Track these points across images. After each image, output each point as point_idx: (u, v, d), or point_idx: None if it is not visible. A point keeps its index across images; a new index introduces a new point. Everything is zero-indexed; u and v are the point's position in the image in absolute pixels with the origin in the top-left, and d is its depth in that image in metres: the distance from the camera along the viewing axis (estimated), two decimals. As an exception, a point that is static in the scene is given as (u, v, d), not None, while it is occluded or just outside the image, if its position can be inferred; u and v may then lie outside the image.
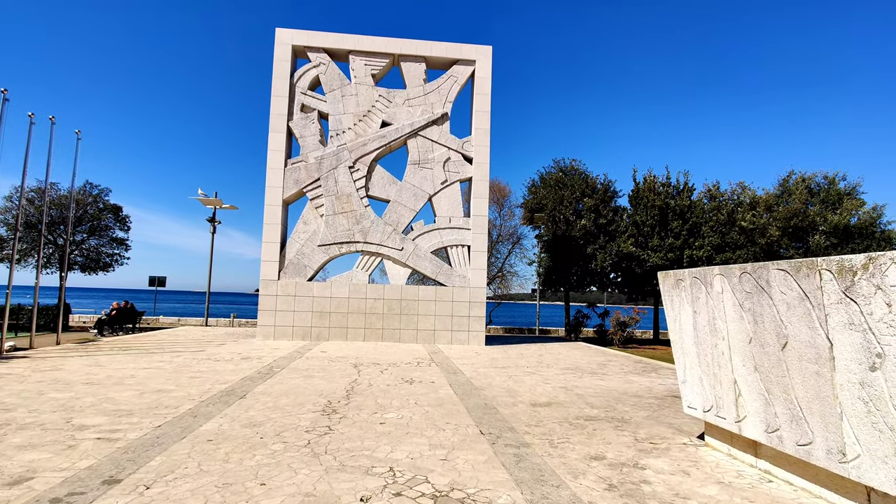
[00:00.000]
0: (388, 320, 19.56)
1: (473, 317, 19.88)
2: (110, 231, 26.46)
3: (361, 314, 19.49)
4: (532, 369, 13.28)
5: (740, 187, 27.82)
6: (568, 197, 26.06)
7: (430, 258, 19.97)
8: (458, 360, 14.57)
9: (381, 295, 19.66)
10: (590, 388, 10.69)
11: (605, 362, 15.54)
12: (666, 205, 25.82)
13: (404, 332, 19.59)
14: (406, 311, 19.66)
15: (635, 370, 13.88)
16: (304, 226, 19.82)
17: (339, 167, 19.87)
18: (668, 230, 25.58)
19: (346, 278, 19.78)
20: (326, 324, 19.32)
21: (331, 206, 19.73)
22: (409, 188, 20.20)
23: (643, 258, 25.14)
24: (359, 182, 19.99)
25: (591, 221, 25.48)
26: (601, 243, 25.31)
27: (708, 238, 24.88)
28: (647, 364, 15.46)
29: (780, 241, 25.45)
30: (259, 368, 11.75)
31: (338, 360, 13.72)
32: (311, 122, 20.02)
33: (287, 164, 19.74)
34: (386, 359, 14.34)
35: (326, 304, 19.37)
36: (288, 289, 19.29)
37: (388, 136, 20.16)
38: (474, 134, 20.49)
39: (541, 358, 16.12)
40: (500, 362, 14.59)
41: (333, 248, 19.69)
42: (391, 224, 19.96)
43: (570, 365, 14.51)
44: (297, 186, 19.69)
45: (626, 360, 16.35)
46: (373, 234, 19.78)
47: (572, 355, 17.27)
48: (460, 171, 20.49)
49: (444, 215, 20.30)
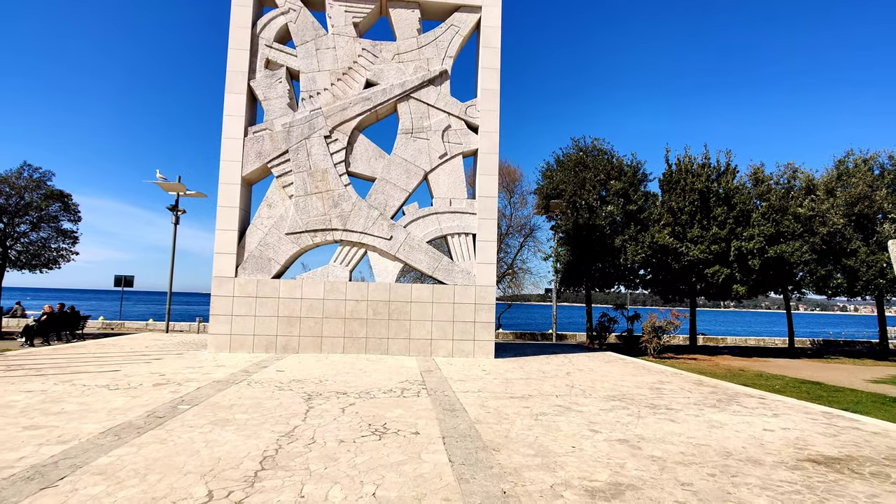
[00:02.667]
0: (374, 327, 15.67)
1: (480, 322, 15.96)
2: (58, 222, 22.71)
3: (340, 319, 15.60)
4: (564, 401, 9.34)
5: (790, 169, 23.76)
6: (591, 180, 22.08)
7: (425, 250, 16.07)
8: (460, 385, 10.65)
9: (365, 295, 15.77)
10: (666, 442, 6.74)
11: (657, 384, 11.59)
12: (707, 189, 21.80)
13: (393, 342, 15.68)
14: (396, 316, 15.76)
15: (706, 399, 9.91)
16: (268, 210, 15.95)
17: (313, 137, 16.00)
18: (710, 218, 21.54)
19: (320, 275, 15.90)
20: (296, 332, 15.44)
21: (302, 185, 15.86)
22: (400, 163, 16.31)
23: (681, 251, 21.12)
24: (337, 155, 16.11)
25: (618, 208, 21.50)
26: (631, 234, 21.32)
27: (760, 227, 20.82)
28: (715, 388, 11.48)
29: (845, 230, 21.36)
30: (158, 406, 7.87)
31: (290, 386, 9.82)
32: (279, 82, 16.15)
33: (248, 133, 15.88)
34: (360, 383, 10.44)
35: (296, 307, 15.50)
36: (248, 288, 15.43)
37: (374, 99, 16.27)
38: (480, 96, 16.57)
39: (570, 378, 12.17)
40: (517, 387, 10.66)
41: (305, 238, 15.81)
42: (377, 207, 16.06)
43: (612, 391, 10.56)
44: (260, 161, 15.82)
45: (682, 381, 12.39)
46: (354, 220, 15.90)
47: (609, 373, 13.31)
48: (463, 143, 16.57)
49: (443, 196, 16.39)
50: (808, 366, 19.71)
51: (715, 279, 20.79)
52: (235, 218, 15.52)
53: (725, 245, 20.93)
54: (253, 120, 16.43)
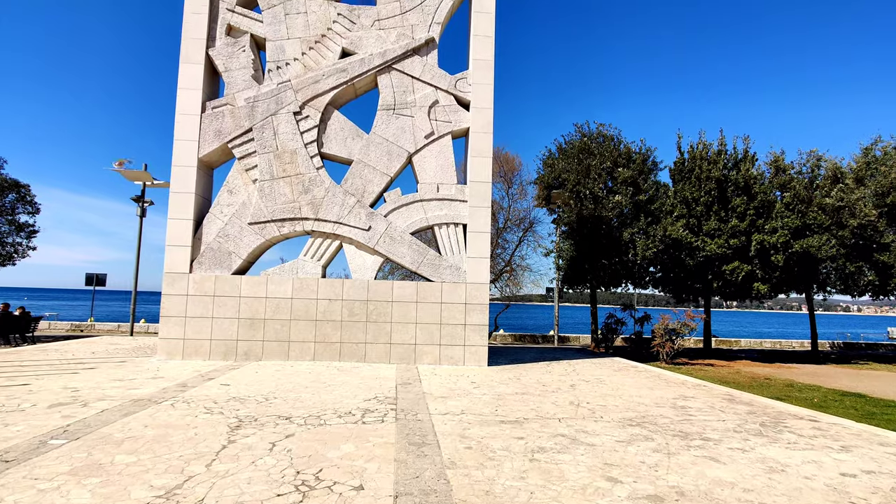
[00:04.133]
0: (349, 330, 13.67)
1: (471, 325, 13.96)
2: (13, 214, 20.77)
3: (310, 322, 13.61)
4: (569, 427, 7.34)
5: (814, 157, 21.72)
6: (596, 167, 20.07)
7: (409, 242, 14.08)
8: (440, 404, 8.66)
9: (340, 294, 13.78)
10: (717, 500, 4.73)
11: (680, 400, 9.58)
12: (724, 177, 19.78)
13: (372, 348, 13.69)
14: (375, 318, 13.77)
15: (746, 423, 7.90)
16: (228, 196, 13.97)
17: (280, 113, 14.02)
18: (728, 209, 19.53)
19: (289, 271, 13.92)
20: (259, 336, 13.45)
21: (267, 168, 13.88)
22: (381, 143, 14.32)
23: (697, 246, 19.10)
24: (308, 134, 14.12)
25: (626, 198, 19.48)
26: (641, 226, 19.30)
27: (784, 219, 18.80)
28: (751, 406, 9.46)
29: (878, 222, 19.32)
30: (25, 439, 5.90)
31: (224, 408, 7.84)
32: (241, 51, 14.18)
33: (206, 108, 13.91)
34: (316, 402, 8.45)
35: (260, 307, 13.51)
36: (204, 286, 13.45)
37: (351, 71, 14.29)
38: (472, 68, 14.58)
39: (575, 393, 10.16)
40: (511, 407, 8.66)
41: (271, 228, 13.83)
42: (354, 194, 14.08)
43: (628, 410, 8.56)
44: (220, 140, 13.84)
45: (709, 395, 10.38)
46: (327, 208, 13.91)
47: (620, 385, 11.31)
48: (452, 120, 14.58)
49: (429, 182, 14.40)
50: (838, 372, 17.69)
51: (734, 277, 18.78)
52: (191, 205, 13.54)
53: (745, 239, 18.92)
54: (213, 94, 14.46)
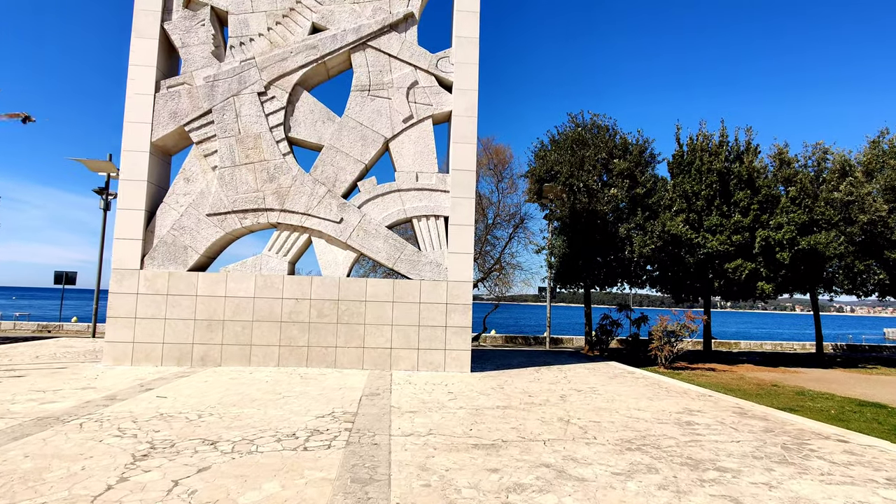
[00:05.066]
0: (319, 333, 12.39)
1: (453, 327, 12.71)
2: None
3: (275, 323, 12.33)
4: (556, 453, 6.10)
5: (820, 150, 20.59)
6: (590, 158, 18.85)
7: (385, 236, 12.82)
8: (406, 422, 7.41)
9: (308, 293, 12.50)
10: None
11: (685, 415, 8.37)
12: (727, 169, 18.61)
13: (343, 352, 12.42)
14: (347, 319, 12.50)
15: (765, 445, 6.69)
16: (185, 185, 12.66)
17: (243, 93, 12.73)
18: (731, 204, 18.36)
19: (251, 267, 12.63)
20: (217, 339, 12.15)
21: (228, 154, 12.58)
22: (354, 128, 13.05)
23: (697, 242, 17.92)
24: (274, 117, 12.84)
25: (623, 191, 18.28)
26: (638, 221, 18.10)
27: (790, 214, 17.65)
28: (766, 422, 8.25)
29: (888, 218, 18.20)
30: None
31: (141, 428, 6.56)
32: (200, 25, 12.87)
33: (161, 88, 12.60)
34: (259, 420, 7.18)
35: (218, 307, 12.22)
36: (157, 283, 12.14)
37: (322, 48, 13.01)
38: (455, 46, 13.34)
39: (565, 406, 8.93)
40: (489, 425, 7.41)
41: (232, 220, 12.53)
42: (325, 183, 12.81)
43: (626, 429, 7.33)
44: (175, 122, 12.54)
45: (717, 408, 9.17)
46: (295, 198, 12.63)
47: (616, 396, 10.08)
48: (433, 103, 13.33)
49: (408, 170, 13.14)
50: (848, 378, 16.56)
51: (737, 275, 17.62)
52: (142, 194, 12.24)
53: (749, 235, 17.76)
54: (170, 73, 13.14)
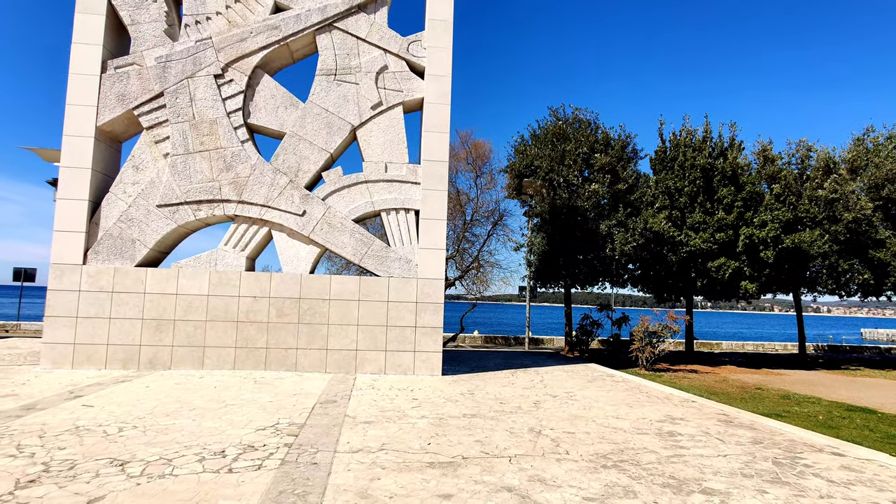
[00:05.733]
0: (278, 334, 11.53)
1: (423, 328, 11.94)
2: None
3: (231, 323, 11.43)
4: (522, 473, 5.37)
5: (804, 147, 20.23)
6: (571, 153, 18.22)
7: (351, 230, 12.00)
8: (357, 435, 6.62)
9: (267, 291, 11.63)
10: None
11: (667, 424, 7.70)
12: (710, 165, 18.12)
13: (305, 354, 11.57)
14: (309, 319, 11.65)
15: (755, 461, 6.04)
16: (134, 173, 11.70)
17: (199, 76, 11.80)
18: (714, 201, 17.87)
19: (205, 263, 11.72)
20: (168, 340, 11.22)
21: (182, 141, 11.65)
22: (319, 114, 12.20)
23: (680, 240, 17.39)
24: (232, 102, 11.94)
25: (604, 186, 17.67)
26: (620, 218, 17.50)
27: (774, 211, 17.20)
28: (754, 431, 7.62)
29: (873, 216, 17.85)
30: None
31: (44, 446, 5.68)
32: (153, 1, 11.91)
33: (108, 68, 11.62)
34: (188, 435, 6.34)
35: (169, 305, 11.28)
36: (101, 280, 11.17)
37: (285, 28, 12.14)
38: (428, 28, 12.56)
39: (538, 415, 8.22)
40: (451, 437, 6.66)
41: (185, 212, 11.60)
42: (286, 172, 11.94)
43: (603, 441, 6.63)
44: (123, 106, 11.57)
45: (701, 416, 8.53)
46: (254, 189, 11.75)
47: (594, 402, 9.40)
48: (404, 90, 12.53)
49: (376, 160, 12.33)
50: (833, 380, 16.15)
51: (720, 274, 17.11)
52: (86, 183, 11.25)
53: (733, 233, 17.27)
54: (118, 52, 12.15)
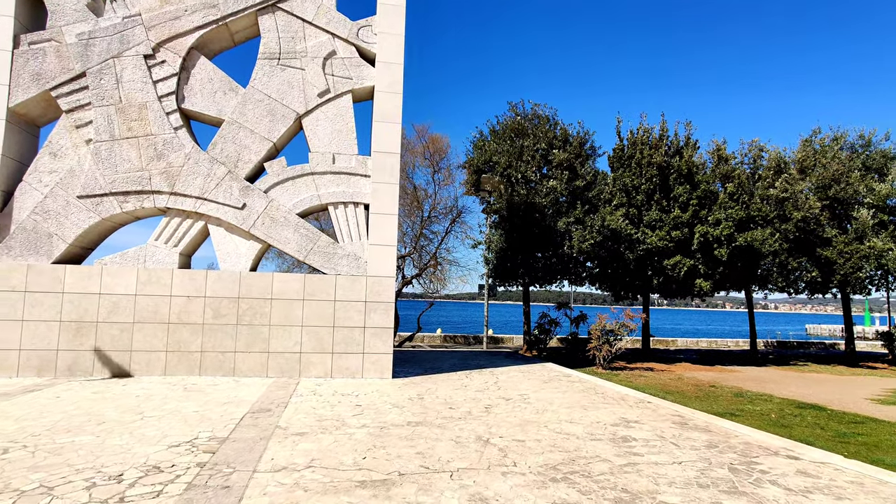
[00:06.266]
0: (215, 336, 10.69)
1: (373, 328, 11.32)
2: None
3: (161, 325, 10.53)
4: (463, 489, 4.87)
5: (756, 147, 20.59)
6: (529, 148, 17.92)
7: (295, 225, 11.27)
8: (286, 448, 5.99)
9: (202, 289, 10.77)
10: None
11: (621, 428, 7.36)
12: (667, 163, 18.14)
13: (244, 358, 10.77)
14: (249, 320, 10.86)
15: (711, 467, 5.73)
16: (51, 160, 10.63)
17: (126, 55, 10.83)
18: (670, 199, 17.90)
19: (133, 259, 10.77)
20: (89, 344, 10.24)
21: (106, 126, 10.66)
22: (261, 101, 11.41)
23: (637, 238, 17.33)
24: (164, 85, 11.01)
25: (562, 183, 17.43)
26: (578, 215, 17.30)
27: (728, 210, 17.34)
28: (709, 434, 7.37)
29: (821, 215, 18.26)
30: None
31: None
32: (74, -28, 10.87)
33: (21, 43, 10.52)
34: (85, 454, 5.57)
35: (91, 306, 10.30)
36: (12, 278, 10.08)
37: (224, 7, 11.29)
38: (380, 14, 11.92)
39: (489, 420, 7.75)
40: (391, 450, 6.10)
41: (110, 204, 10.62)
42: (225, 162, 11.11)
43: (553, 449, 6.21)
44: (40, 86, 10.49)
45: (656, 418, 8.26)
46: (188, 179, 10.87)
47: (548, 405, 9.02)
48: (354, 77, 11.87)
49: (323, 150, 11.63)
50: (783, 376, 16.39)
51: (676, 272, 17.14)
52: (-5, 171, 10.15)
53: (688, 231, 17.32)
54: (34, 26, 11.04)
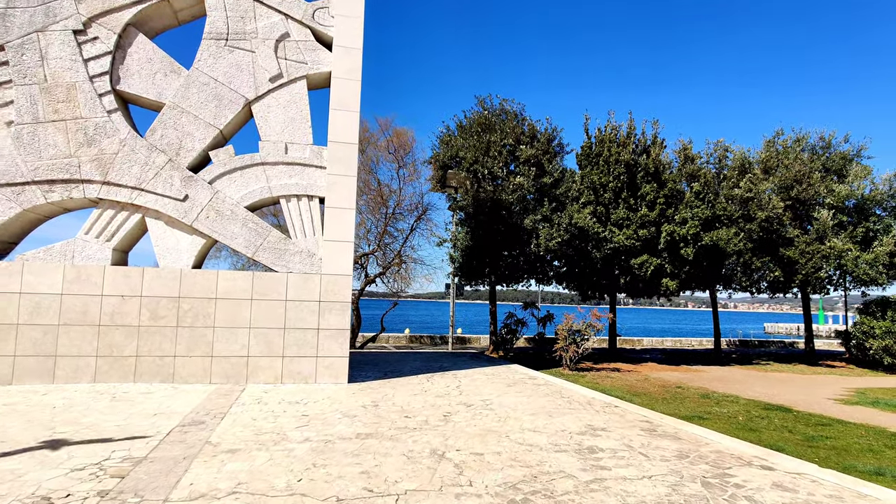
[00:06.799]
0: (152, 339, 9.79)
1: (328, 330, 10.61)
2: None
3: (92, 328, 9.57)
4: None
5: (721, 147, 20.64)
6: (496, 144, 17.44)
7: (244, 219, 10.45)
8: (209, 470, 5.27)
9: (138, 288, 9.86)
10: None
11: (588, 437, 6.89)
12: (634, 161, 17.93)
13: (185, 363, 9.91)
14: (191, 321, 9.99)
15: (682, 480, 5.29)
16: (-36, 144, 9.56)
17: (53, 30, 9.82)
18: (638, 197, 17.69)
19: (60, 254, 9.78)
20: (8, 349, 9.21)
21: (29, 107, 9.64)
22: (207, 84, 10.55)
23: (604, 237, 17.05)
24: (96, 64, 10.04)
25: (529, 180, 17.01)
26: (545, 213, 16.90)
27: (694, 209, 17.24)
28: (678, 442, 6.97)
29: (784, 215, 18.36)
30: None
31: None
32: (-7, -65, 9.79)
33: (-70, 13, 9.41)
34: (-26, 478, 4.73)
35: (10, 307, 9.28)
36: (-84, 275, 8.99)
37: (165, -18, 10.38)
38: (336, -5, 11.21)
39: (446, 430, 7.17)
40: (331, 469, 5.45)
41: (33, 193, 9.61)
42: (165, 150, 10.21)
43: (516, 464, 5.67)
44: (-49, 61, 9.41)
45: (624, 425, 7.82)
46: (123, 168, 9.93)
47: (511, 412, 8.49)
48: (308, 62, 11.12)
49: (275, 139, 10.84)
50: (747, 376, 16.36)
51: (643, 271, 16.94)
52: None
53: (655, 230, 17.14)
54: (-52, -4, 9.93)
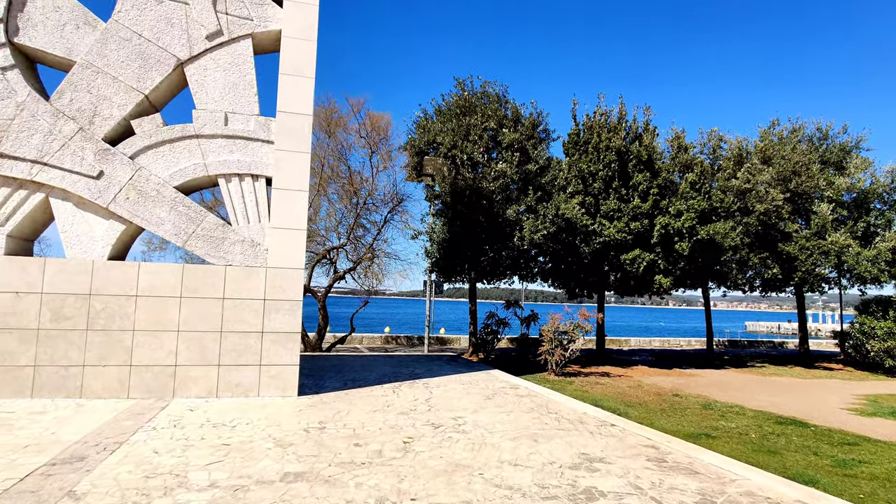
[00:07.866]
0: (55, 345, 8.07)
1: (274, 333, 8.98)
2: None
3: (-23, 331, 7.83)
4: None
5: (715, 136, 19.41)
6: (477, 127, 15.91)
7: (172, 201, 8.77)
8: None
9: (38, 284, 8.13)
10: None
11: (582, 472, 5.41)
12: (626, 149, 16.56)
13: (95, 374, 8.20)
14: (105, 323, 8.29)
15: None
16: None
17: (-68, -33, 8.03)
18: (630, 187, 16.32)
19: (-62, 241, 8.01)
20: None
21: None
22: (129, 40, 8.83)
23: (594, 230, 15.65)
24: (-12, 9, 8.27)
25: (513, 167, 15.51)
26: (529, 203, 15.43)
27: (690, 200, 15.92)
28: (699, 480, 5.52)
29: (783, 208, 17.16)
30: None
31: None
32: None
33: None
34: None
35: None
36: None
37: (77, -85, 8.63)
38: (288, -60, 9.55)
39: (402, 465, 5.62)
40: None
41: None
42: (75, 117, 8.47)
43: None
44: None
45: (623, 450, 6.36)
46: (21, 137, 8.19)
47: (489, 435, 6.97)
48: (254, 18, 9.46)
49: (213, 108, 9.16)
50: (745, 381, 15.13)
51: (635, 267, 15.58)
52: None
53: (648, 223, 15.79)
54: None
